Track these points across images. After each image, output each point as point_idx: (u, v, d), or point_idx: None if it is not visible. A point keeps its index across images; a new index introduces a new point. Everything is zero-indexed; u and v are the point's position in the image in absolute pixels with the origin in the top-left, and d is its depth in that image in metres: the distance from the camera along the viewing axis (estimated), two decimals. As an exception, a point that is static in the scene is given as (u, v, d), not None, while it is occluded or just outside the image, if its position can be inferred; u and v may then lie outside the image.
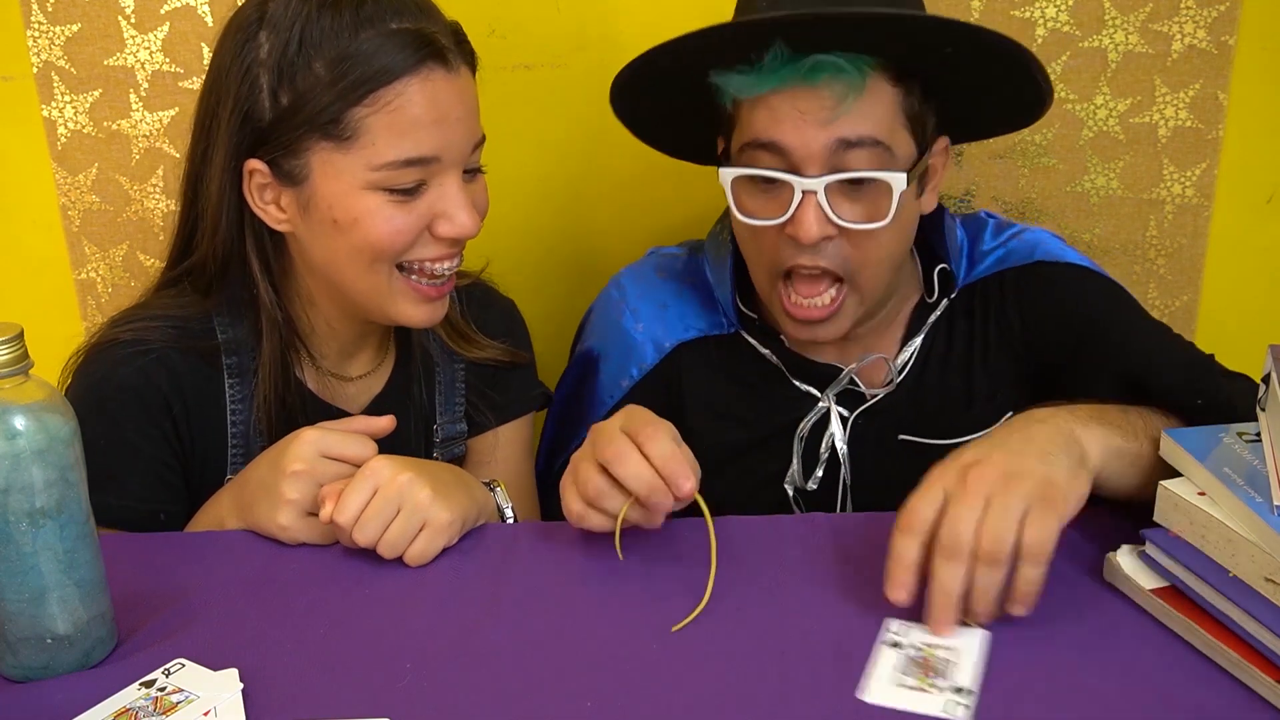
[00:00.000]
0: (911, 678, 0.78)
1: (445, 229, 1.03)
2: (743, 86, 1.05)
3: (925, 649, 0.81)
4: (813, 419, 1.16)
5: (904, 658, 0.80)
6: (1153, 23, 1.40)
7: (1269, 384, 0.87)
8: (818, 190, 1.03)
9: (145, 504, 1.05)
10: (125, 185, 1.48)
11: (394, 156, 0.99)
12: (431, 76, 0.99)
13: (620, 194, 1.50)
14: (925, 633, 0.82)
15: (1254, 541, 0.79)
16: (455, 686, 0.78)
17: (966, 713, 0.74)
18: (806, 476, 1.17)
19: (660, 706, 0.76)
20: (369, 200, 1.00)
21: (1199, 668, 0.78)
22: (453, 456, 1.24)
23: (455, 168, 1.03)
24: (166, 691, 0.77)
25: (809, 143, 1.03)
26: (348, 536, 0.92)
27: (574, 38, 1.42)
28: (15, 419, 0.75)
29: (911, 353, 1.18)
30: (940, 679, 0.77)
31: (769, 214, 1.06)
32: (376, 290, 1.05)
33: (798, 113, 1.03)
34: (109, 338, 1.06)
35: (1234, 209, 1.47)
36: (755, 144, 1.06)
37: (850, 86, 1.02)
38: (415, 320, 1.08)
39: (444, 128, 1.00)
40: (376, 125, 0.98)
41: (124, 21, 1.42)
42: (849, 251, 1.07)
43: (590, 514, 0.91)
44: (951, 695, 0.76)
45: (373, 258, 1.03)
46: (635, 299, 1.24)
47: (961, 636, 0.82)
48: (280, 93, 0.99)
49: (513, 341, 1.26)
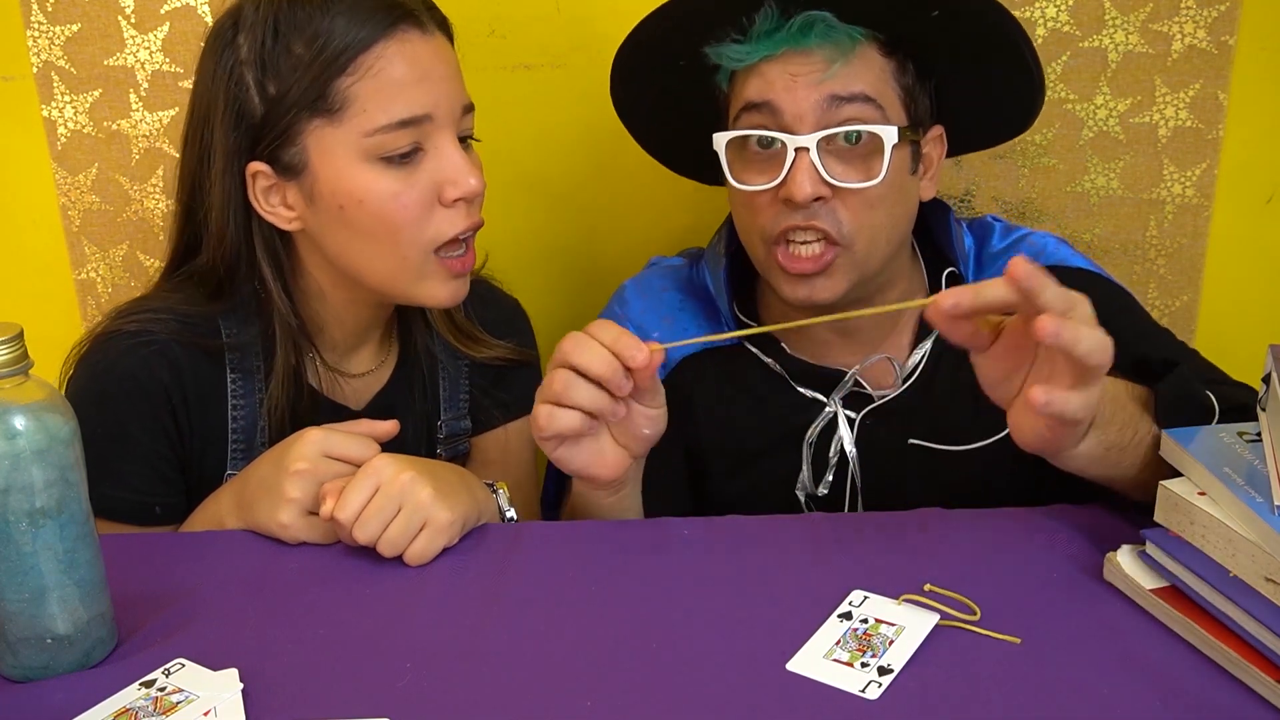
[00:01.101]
0: (845, 652, 0.80)
1: (452, 192, 1.03)
2: (737, 55, 1.07)
3: (872, 624, 0.82)
4: (820, 424, 1.16)
5: (846, 630, 0.82)
6: (1153, 23, 1.40)
7: (1269, 384, 0.87)
8: (810, 147, 1.04)
9: (141, 495, 1.06)
10: (125, 185, 1.48)
11: (385, 120, 1.00)
12: (408, 37, 1.01)
13: (620, 194, 1.50)
14: (884, 606, 0.84)
15: (1254, 541, 0.79)
16: (455, 686, 0.78)
17: (878, 690, 0.76)
18: (817, 482, 1.17)
19: (660, 706, 0.76)
20: (367, 175, 1.01)
21: (1199, 668, 0.78)
22: (456, 454, 1.24)
23: (448, 129, 1.03)
24: (166, 691, 0.77)
25: (799, 101, 1.05)
26: (348, 534, 0.93)
27: (574, 38, 1.42)
28: (15, 419, 0.75)
29: (922, 355, 1.17)
30: (872, 657, 0.79)
31: (763, 179, 1.07)
32: (406, 274, 1.05)
33: (789, 75, 1.05)
34: (113, 328, 1.06)
35: (1234, 209, 1.47)
36: (748, 107, 1.08)
37: (840, 49, 1.04)
38: (442, 299, 1.08)
39: (429, 85, 1.01)
40: (363, 92, 0.99)
41: (124, 21, 1.42)
42: (843, 214, 1.07)
43: (558, 412, 0.93)
44: (874, 676, 0.77)
45: (393, 239, 1.03)
46: (639, 314, 1.24)
47: (916, 616, 0.83)
48: (266, 83, 1.00)
49: (518, 340, 1.26)
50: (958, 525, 0.97)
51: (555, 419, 0.93)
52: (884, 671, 0.78)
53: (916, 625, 0.82)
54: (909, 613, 0.84)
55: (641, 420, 0.97)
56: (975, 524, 0.97)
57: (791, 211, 1.07)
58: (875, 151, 1.06)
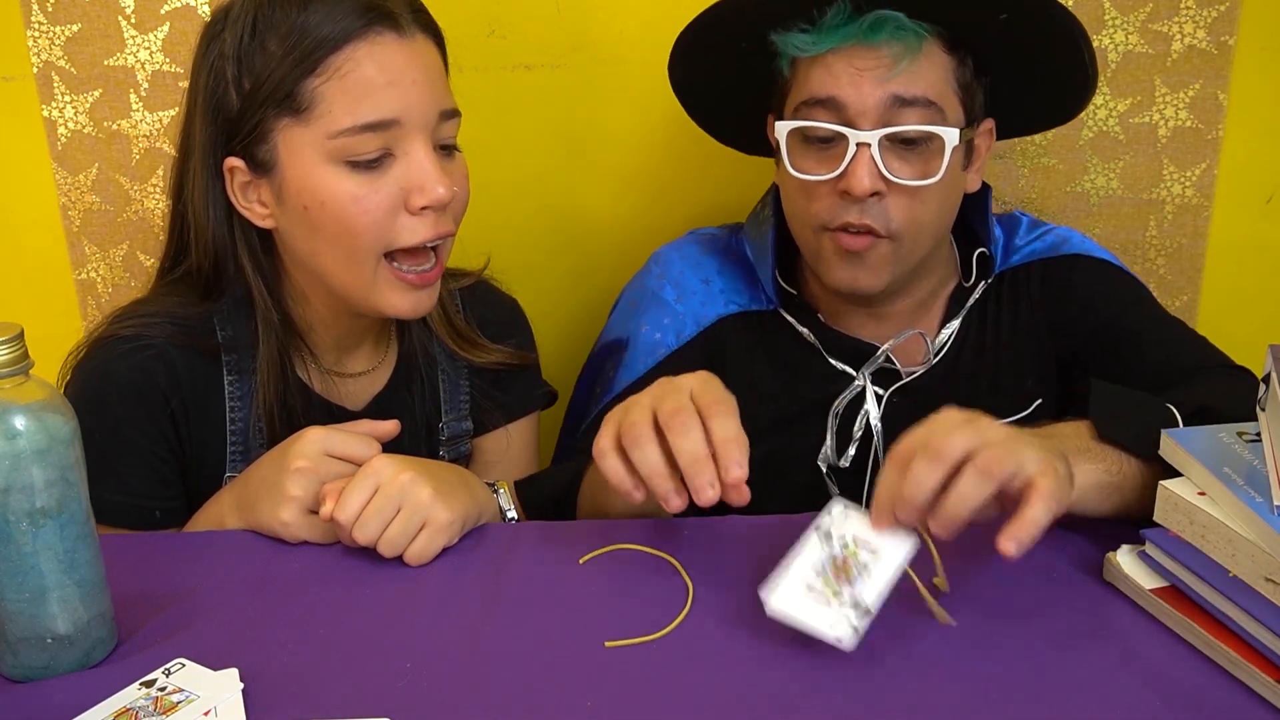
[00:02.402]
0: (821, 580, 0.79)
1: (418, 199, 1.01)
2: (803, 45, 1.08)
3: (851, 546, 0.81)
4: (848, 396, 1.18)
5: (825, 556, 0.81)
6: (1153, 23, 1.40)
7: (1269, 384, 0.86)
8: (872, 143, 1.05)
9: (141, 500, 1.06)
10: (125, 185, 1.48)
11: (350, 122, 0.98)
12: (381, 39, 1.00)
13: (621, 194, 1.50)
14: (863, 523, 0.83)
15: (1254, 541, 0.79)
16: (455, 686, 0.78)
17: (854, 636, 0.76)
18: (840, 454, 1.18)
19: (660, 706, 0.76)
20: (332, 176, 1.00)
21: (1199, 668, 0.78)
22: (458, 455, 1.24)
23: (419, 135, 1.01)
24: (166, 691, 0.77)
25: (864, 97, 1.06)
26: (348, 535, 0.93)
27: (574, 38, 1.42)
28: (15, 419, 0.75)
29: (950, 334, 1.21)
30: (848, 587, 0.78)
31: (822, 170, 1.08)
32: (361, 281, 1.04)
33: (854, 70, 1.06)
34: (110, 333, 1.06)
35: (1234, 209, 1.47)
36: (811, 101, 1.08)
37: (907, 47, 1.05)
38: (401, 311, 1.06)
39: (399, 90, 1.00)
40: (331, 93, 0.99)
41: (124, 21, 1.42)
42: (896, 212, 1.08)
43: (611, 458, 0.86)
44: (849, 610, 0.77)
45: (350, 244, 1.01)
46: (677, 274, 1.25)
47: (892, 539, 0.82)
48: (243, 79, 1.01)
49: (516, 340, 1.25)
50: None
51: (604, 461, 0.87)
52: (861, 610, 0.77)
53: (895, 551, 0.81)
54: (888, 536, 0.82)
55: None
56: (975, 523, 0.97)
57: (847, 205, 1.08)
58: (935, 153, 1.07)
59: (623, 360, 1.25)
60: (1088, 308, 1.19)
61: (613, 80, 1.43)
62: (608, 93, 1.18)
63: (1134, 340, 1.15)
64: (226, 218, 1.06)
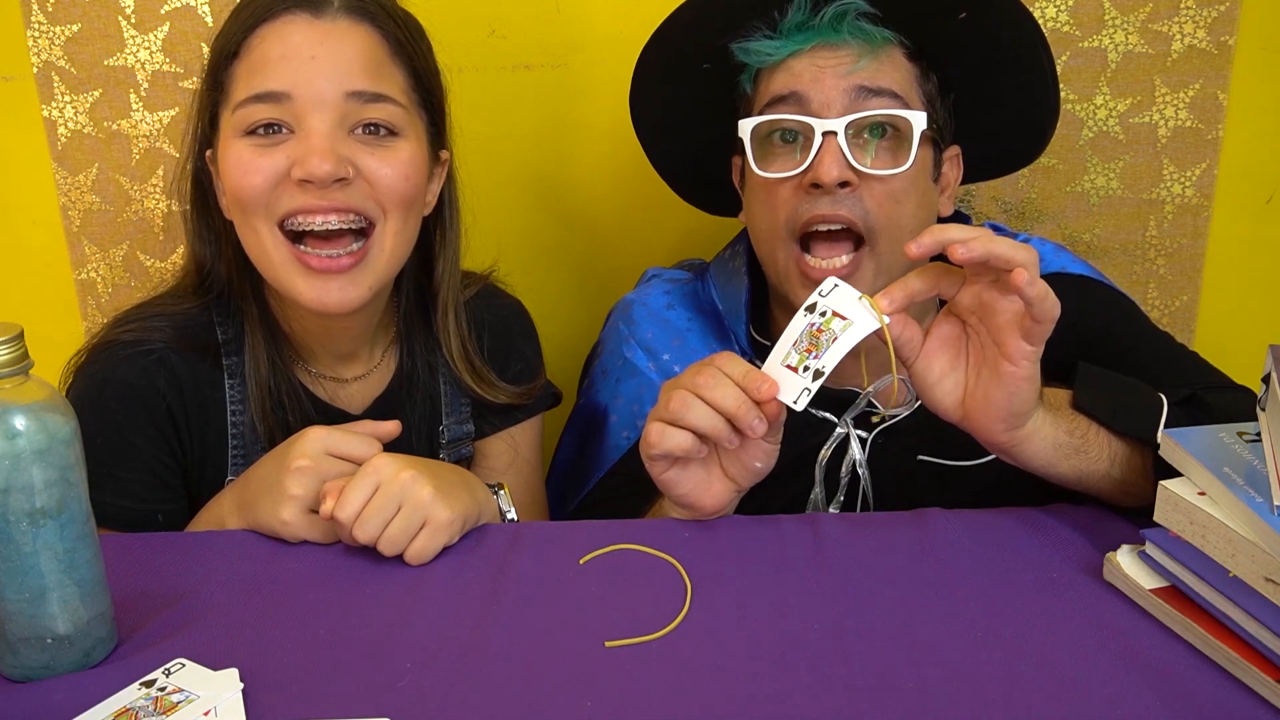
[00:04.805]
0: (796, 354, 0.89)
1: (297, 171, 1.01)
2: (768, 50, 1.08)
3: (827, 318, 0.89)
4: (833, 445, 1.15)
5: (805, 328, 0.89)
6: (1153, 23, 1.40)
7: (1269, 384, 0.86)
8: (838, 130, 1.05)
9: (143, 504, 1.06)
10: (125, 185, 1.48)
11: (245, 94, 1.02)
12: (292, 20, 1.02)
13: (621, 194, 1.50)
14: (846, 298, 0.90)
15: (1254, 541, 0.79)
16: (455, 686, 0.78)
17: (807, 396, 0.88)
18: (829, 501, 1.16)
19: (660, 706, 0.76)
20: (233, 148, 1.03)
21: (1199, 668, 0.78)
22: (460, 457, 1.24)
23: (317, 112, 1.01)
24: (166, 691, 0.77)
25: (827, 90, 1.06)
26: (348, 533, 0.93)
27: (574, 38, 1.42)
28: (15, 419, 0.75)
29: None
30: (814, 358, 0.87)
31: (789, 167, 1.08)
32: (268, 260, 1.04)
33: (817, 67, 1.07)
34: (110, 338, 1.07)
35: (1234, 209, 1.47)
36: (775, 99, 1.08)
37: (869, 44, 1.06)
38: (307, 299, 1.03)
39: (293, 65, 1.01)
40: (239, 72, 1.03)
41: (124, 21, 1.42)
42: (869, 204, 1.07)
43: (670, 431, 0.92)
44: (808, 382, 0.86)
45: (241, 213, 1.03)
46: (648, 337, 1.23)
47: (863, 315, 0.89)
48: (210, 74, 1.06)
49: (519, 340, 1.25)
50: (958, 525, 0.97)
51: (667, 437, 0.92)
52: (816, 375, 0.88)
53: (861, 323, 0.89)
54: (863, 311, 0.89)
55: (756, 452, 0.95)
56: (975, 523, 0.98)
57: (816, 198, 1.06)
58: (903, 142, 1.07)
59: (606, 432, 1.23)
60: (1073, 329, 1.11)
61: (613, 80, 1.42)
62: (608, 93, 1.18)
63: (1124, 356, 1.12)
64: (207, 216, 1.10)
